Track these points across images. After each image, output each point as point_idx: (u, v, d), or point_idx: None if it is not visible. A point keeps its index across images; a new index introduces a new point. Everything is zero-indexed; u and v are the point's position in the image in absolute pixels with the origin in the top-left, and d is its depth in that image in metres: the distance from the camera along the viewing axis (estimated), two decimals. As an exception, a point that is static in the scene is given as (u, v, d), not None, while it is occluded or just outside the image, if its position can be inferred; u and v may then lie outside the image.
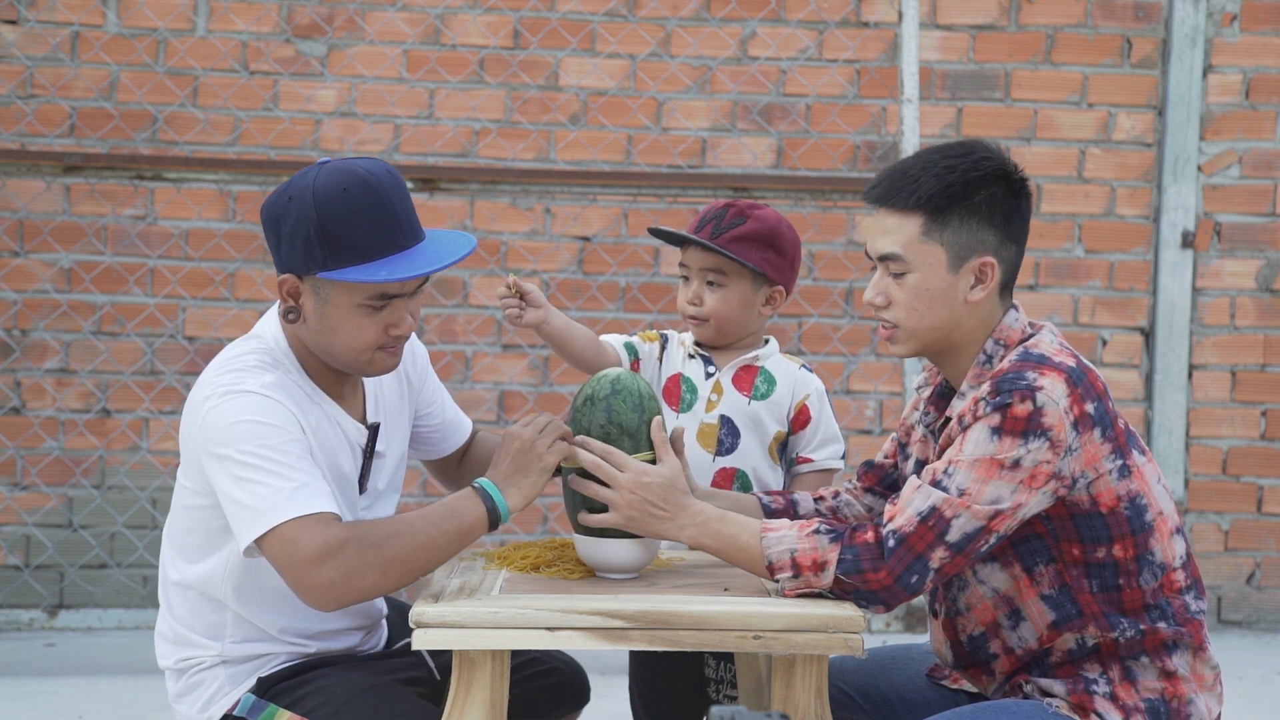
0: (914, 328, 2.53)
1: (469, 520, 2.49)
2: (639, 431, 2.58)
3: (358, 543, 2.38)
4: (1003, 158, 2.52)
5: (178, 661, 2.64)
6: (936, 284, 2.50)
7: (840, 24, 5.60)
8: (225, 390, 2.48)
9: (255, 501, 2.39)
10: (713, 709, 1.86)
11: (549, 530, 5.55)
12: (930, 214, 2.48)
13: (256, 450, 2.42)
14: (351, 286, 2.49)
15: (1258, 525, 5.70)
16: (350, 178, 2.48)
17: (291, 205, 2.48)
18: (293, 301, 2.54)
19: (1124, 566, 2.47)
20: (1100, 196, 5.70)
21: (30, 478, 5.39)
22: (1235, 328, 5.70)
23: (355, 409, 2.69)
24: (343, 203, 2.46)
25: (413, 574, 2.44)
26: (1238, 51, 5.68)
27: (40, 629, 5.25)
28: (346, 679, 2.58)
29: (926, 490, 2.42)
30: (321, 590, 2.37)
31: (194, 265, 5.44)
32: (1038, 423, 2.38)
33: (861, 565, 2.40)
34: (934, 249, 2.49)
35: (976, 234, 2.49)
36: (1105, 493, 2.45)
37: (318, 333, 2.55)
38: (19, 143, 5.37)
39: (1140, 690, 2.49)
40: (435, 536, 2.44)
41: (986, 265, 2.50)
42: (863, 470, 2.88)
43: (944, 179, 2.47)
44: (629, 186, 5.30)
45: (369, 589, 2.39)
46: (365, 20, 5.50)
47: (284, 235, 2.49)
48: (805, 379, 3.07)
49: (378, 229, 2.47)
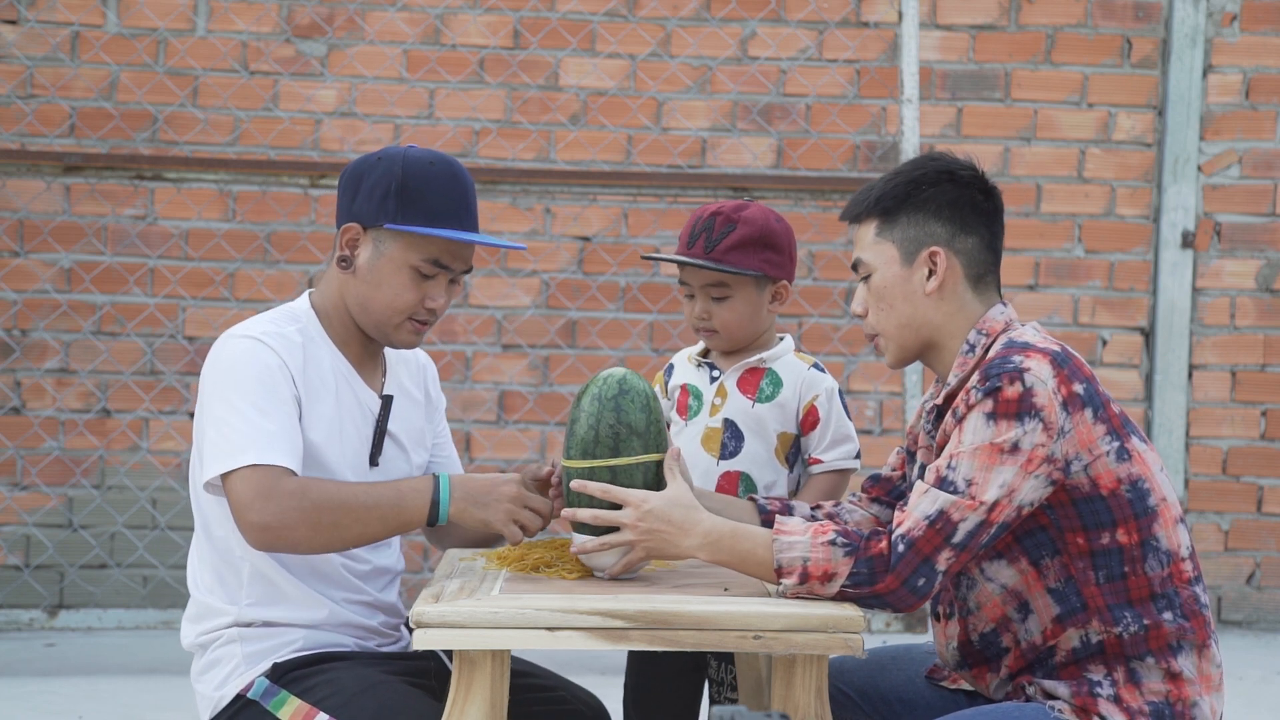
0: (885, 328, 2.64)
1: (409, 516, 2.62)
2: (647, 431, 2.57)
3: (301, 496, 2.54)
4: (951, 160, 2.66)
5: (198, 636, 2.72)
6: (892, 279, 2.61)
7: (840, 24, 5.60)
8: (228, 335, 2.68)
9: (224, 442, 2.57)
10: (713, 709, 1.86)
11: (549, 530, 5.54)
12: (881, 216, 2.63)
13: (237, 393, 2.60)
14: (410, 244, 2.68)
15: (1258, 525, 5.71)
16: (439, 156, 2.74)
17: (380, 163, 2.70)
18: (349, 251, 2.72)
19: (1129, 552, 2.47)
20: (1100, 196, 5.70)
21: (30, 478, 5.39)
22: (1235, 328, 5.70)
23: (373, 380, 2.82)
24: (427, 172, 2.69)
25: (343, 545, 2.60)
26: (1238, 51, 5.68)
27: (40, 629, 5.25)
28: (357, 673, 2.63)
29: (934, 494, 2.43)
30: (255, 529, 2.53)
31: (194, 265, 5.45)
32: (1029, 403, 2.42)
33: (874, 578, 2.42)
34: (887, 247, 2.62)
35: (924, 227, 2.61)
36: (1105, 475, 2.46)
37: (364, 283, 2.71)
38: (19, 143, 5.37)
39: (1145, 693, 2.49)
40: (374, 521, 2.60)
41: (935, 255, 2.59)
42: (869, 483, 2.88)
43: (892, 182, 2.64)
44: (629, 186, 5.30)
45: (299, 542, 2.55)
46: (365, 20, 5.50)
47: (363, 188, 2.70)
48: (815, 379, 3.04)
49: (450, 202, 2.69)
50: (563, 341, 5.57)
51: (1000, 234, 2.66)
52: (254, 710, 2.63)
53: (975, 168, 2.65)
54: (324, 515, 2.54)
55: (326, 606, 2.71)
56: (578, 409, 2.60)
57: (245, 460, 2.54)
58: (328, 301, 2.77)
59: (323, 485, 2.58)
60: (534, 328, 5.57)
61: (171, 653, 4.84)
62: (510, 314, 5.56)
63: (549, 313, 5.58)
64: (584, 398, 2.60)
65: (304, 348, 2.70)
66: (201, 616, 2.73)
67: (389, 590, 2.84)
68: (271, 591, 2.69)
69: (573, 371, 5.55)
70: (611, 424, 2.56)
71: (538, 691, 2.79)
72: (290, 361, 2.66)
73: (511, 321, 5.56)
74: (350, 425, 2.73)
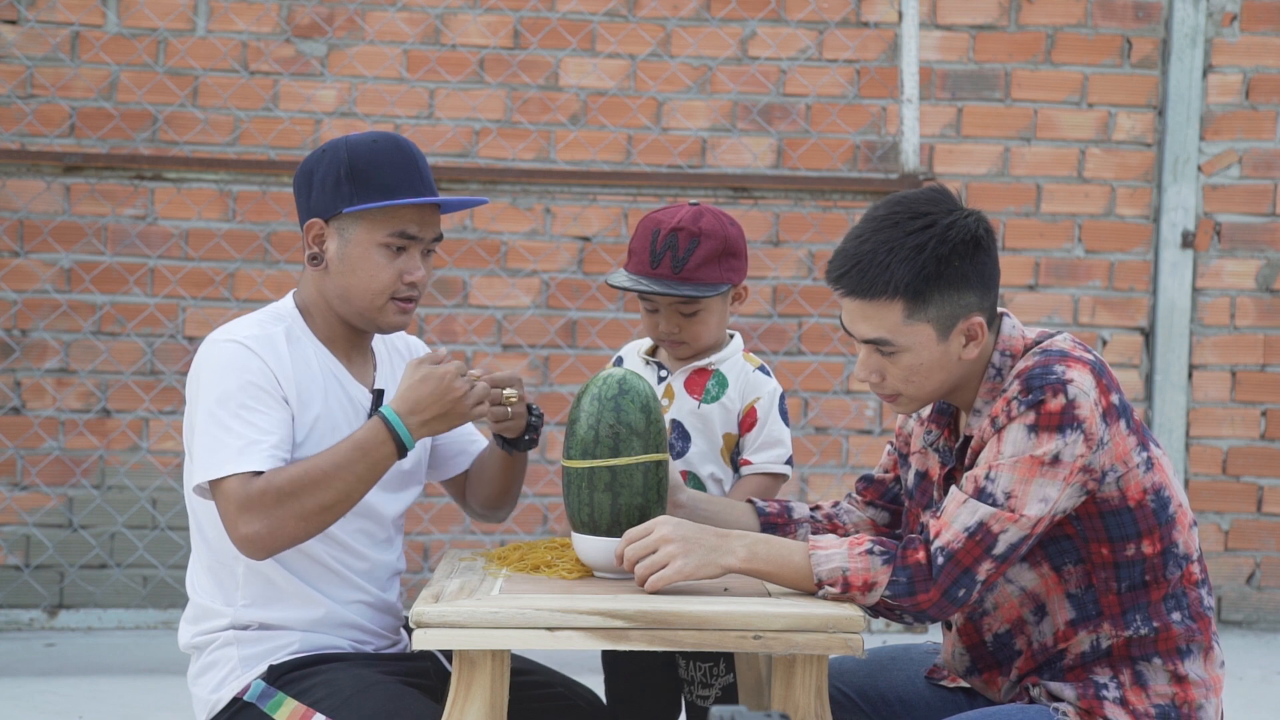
0: (916, 395, 2.53)
1: (377, 456, 2.61)
2: (647, 431, 2.57)
3: (275, 495, 2.54)
4: (963, 215, 2.48)
5: (194, 637, 2.73)
6: (930, 357, 2.49)
7: (840, 24, 5.60)
8: (211, 340, 2.69)
9: (206, 453, 2.59)
10: (712, 709, 1.86)
11: (549, 530, 5.55)
12: (910, 298, 2.45)
13: (217, 401, 2.61)
14: (373, 223, 2.69)
15: (1258, 525, 5.71)
16: (380, 134, 2.76)
17: (325, 155, 2.73)
18: (317, 248, 2.73)
19: (1151, 562, 2.47)
20: (1100, 196, 5.70)
21: (30, 478, 5.39)
22: (1235, 328, 5.70)
23: (363, 375, 2.81)
24: (371, 150, 2.71)
25: (335, 515, 2.61)
26: (1238, 51, 5.68)
27: (40, 629, 5.25)
28: (354, 674, 2.62)
29: (973, 505, 2.41)
30: (250, 542, 2.55)
31: (194, 265, 5.45)
32: (1072, 415, 2.39)
33: (914, 588, 2.41)
34: (921, 328, 2.47)
35: (959, 301, 2.47)
36: (1133, 487, 2.46)
37: (338, 275, 2.72)
38: (19, 143, 5.37)
39: (1151, 695, 2.49)
40: (350, 480, 2.59)
41: (975, 325, 2.49)
42: (862, 485, 2.87)
43: (916, 261, 2.44)
44: (629, 186, 5.30)
45: (296, 536, 2.57)
46: (365, 20, 5.50)
47: (315, 182, 2.72)
48: (758, 382, 3.00)
49: (401, 173, 2.70)
50: (563, 341, 5.57)
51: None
52: (251, 713, 2.63)
53: (979, 216, 2.51)
54: (301, 499, 2.55)
55: (324, 605, 2.71)
56: (577, 409, 2.60)
57: (225, 470, 2.55)
58: (309, 301, 2.78)
59: (283, 471, 2.57)
60: (534, 328, 5.57)
61: (171, 653, 4.83)
62: (510, 314, 5.57)
63: (549, 313, 5.58)
64: (584, 398, 2.60)
65: (290, 348, 2.70)
66: (198, 618, 2.73)
67: (389, 589, 2.84)
68: (268, 591, 2.69)
69: (573, 371, 5.55)
70: (611, 424, 2.56)
71: (536, 688, 2.79)
72: (275, 364, 2.65)
73: (511, 321, 5.56)
74: (343, 422, 2.73)
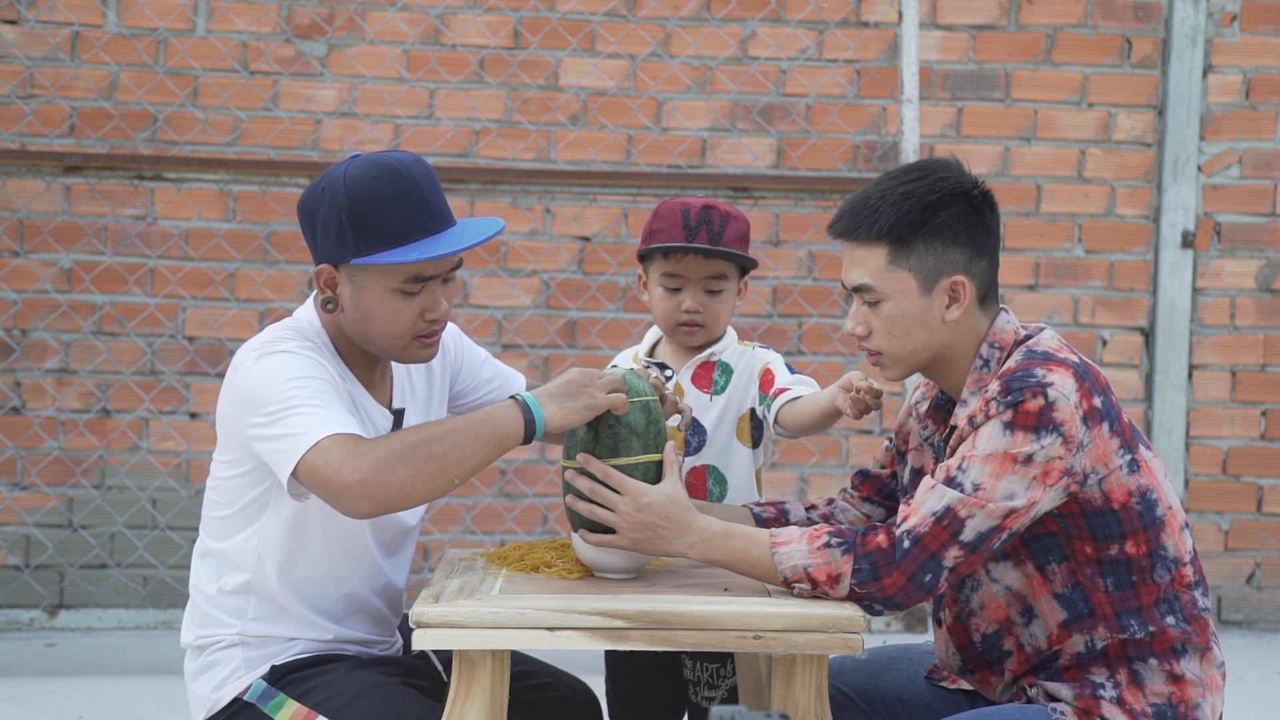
0: (896, 352, 2.56)
1: (504, 428, 2.51)
2: (647, 432, 2.57)
3: (389, 441, 2.43)
4: (960, 175, 2.54)
5: (197, 638, 2.70)
6: (910, 309, 2.52)
7: (840, 24, 5.60)
8: (261, 352, 2.56)
9: (289, 431, 2.45)
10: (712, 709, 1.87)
11: (549, 530, 5.55)
12: (894, 242, 2.51)
13: (290, 395, 2.48)
14: (385, 271, 2.56)
15: (1258, 525, 5.71)
16: (379, 166, 2.56)
17: (324, 196, 2.56)
18: (330, 292, 2.62)
19: (1137, 563, 2.48)
20: (1100, 196, 5.70)
21: (30, 478, 5.39)
22: (1235, 328, 5.70)
23: (382, 395, 2.75)
24: (372, 189, 2.53)
25: (447, 474, 2.46)
26: (1238, 51, 5.68)
27: (40, 629, 5.25)
28: (355, 676, 2.62)
29: (941, 490, 2.43)
30: (353, 489, 2.39)
31: (194, 265, 5.45)
32: (1050, 418, 2.40)
33: (877, 573, 2.41)
34: (903, 275, 2.52)
35: (943, 255, 2.51)
36: (1117, 489, 2.46)
37: (355, 321, 2.61)
38: (19, 143, 5.37)
39: (1148, 695, 2.49)
40: (470, 439, 2.47)
41: (958, 284, 2.52)
42: (858, 480, 2.88)
43: (902, 206, 2.50)
44: (629, 186, 5.30)
45: (404, 485, 2.41)
46: (365, 20, 5.50)
47: (318, 226, 2.58)
48: (759, 354, 3.06)
49: (407, 214, 2.54)
50: (563, 341, 5.57)
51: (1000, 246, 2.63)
52: (251, 713, 2.62)
53: (981, 183, 2.57)
54: (418, 450, 2.43)
55: (332, 631, 2.70)
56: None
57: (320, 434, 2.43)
58: (328, 329, 2.69)
59: (406, 430, 2.50)
60: (534, 328, 5.57)
61: (171, 653, 4.83)
62: (510, 314, 5.57)
63: (549, 313, 5.58)
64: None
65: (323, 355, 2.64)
66: (204, 622, 2.70)
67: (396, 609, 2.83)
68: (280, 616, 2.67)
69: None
70: (611, 424, 2.56)
71: (527, 680, 2.78)
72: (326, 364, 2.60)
73: (511, 321, 5.56)
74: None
